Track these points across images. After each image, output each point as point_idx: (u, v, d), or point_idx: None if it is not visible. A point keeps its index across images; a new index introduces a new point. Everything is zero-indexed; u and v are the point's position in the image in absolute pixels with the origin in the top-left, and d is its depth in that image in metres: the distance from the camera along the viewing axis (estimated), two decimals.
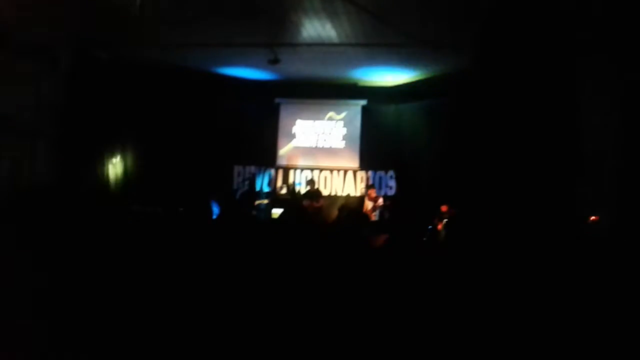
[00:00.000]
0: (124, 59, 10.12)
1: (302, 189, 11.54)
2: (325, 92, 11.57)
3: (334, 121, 12.13)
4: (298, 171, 12.11)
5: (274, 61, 9.18)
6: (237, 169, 12.06)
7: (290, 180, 12.02)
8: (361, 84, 11.45)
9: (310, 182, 11.22)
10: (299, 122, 12.23)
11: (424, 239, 7.45)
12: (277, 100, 12.18)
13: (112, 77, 10.21)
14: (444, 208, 9.40)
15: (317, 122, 12.18)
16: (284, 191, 11.74)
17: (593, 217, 7.44)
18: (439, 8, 7.32)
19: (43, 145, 9.19)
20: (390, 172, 11.62)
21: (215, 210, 9.60)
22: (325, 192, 11.63)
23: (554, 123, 9.17)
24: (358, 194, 11.71)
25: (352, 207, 10.66)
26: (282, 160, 12.22)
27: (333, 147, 12.10)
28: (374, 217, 10.75)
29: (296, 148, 12.22)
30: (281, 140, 12.26)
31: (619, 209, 7.47)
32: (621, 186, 7.65)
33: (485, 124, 10.00)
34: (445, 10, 7.36)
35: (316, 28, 8.26)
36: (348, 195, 11.69)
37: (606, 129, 8.08)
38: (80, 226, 3.27)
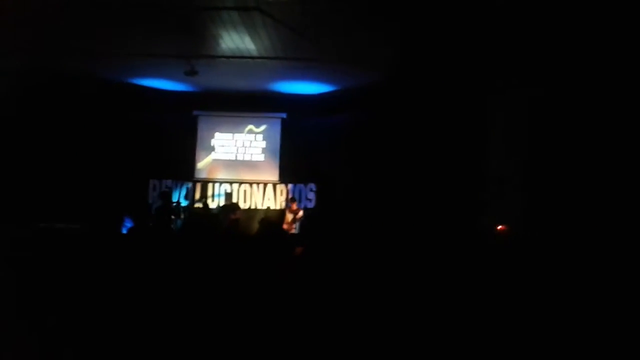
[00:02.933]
0: (41, 67, 9.58)
1: (221, 202, 11.38)
2: (245, 104, 11.52)
3: (254, 134, 12.08)
4: (217, 184, 11.92)
5: (192, 73, 9.00)
6: (152, 182, 11.69)
7: (209, 193, 11.82)
8: (280, 96, 11.49)
9: (228, 195, 11.10)
10: (217, 134, 12.07)
11: None
12: (195, 112, 11.98)
13: (29, 86, 9.66)
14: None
15: (236, 134, 12.07)
16: (200, 205, 11.51)
17: (500, 227, 7.85)
18: (354, 26, 7.52)
19: None
20: (310, 185, 11.71)
21: (128, 224, 9.26)
22: (245, 206, 11.53)
23: (464, 143, 9.70)
24: (278, 206, 11.70)
25: (272, 220, 10.64)
26: (200, 174, 11.99)
27: (253, 160, 12.03)
28: (294, 229, 10.78)
29: (215, 161, 12.04)
30: (199, 153, 12.04)
31: (524, 220, 7.96)
32: (525, 201, 8.20)
33: (399, 138, 10.40)
34: (361, 28, 7.57)
35: (235, 41, 8.22)
36: (268, 209, 11.64)
37: (514, 153, 8.68)
38: None
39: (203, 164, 12.03)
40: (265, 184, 11.90)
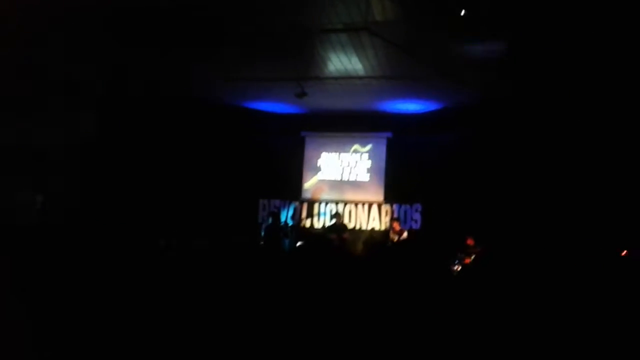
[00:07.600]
0: (154, 93, 10.35)
1: (326, 221, 11.47)
2: (351, 124, 11.59)
3: (359, 154, 12.12)
4: (323, 204, 12.07)
5: (301, 95, 9.26)
6: (262, 202, 12.08)
7: (315, 213, 11.97)
8: (386, 116, 11.46)
9: (336, 215, 11.12)
10: (324, 154, 12.25)
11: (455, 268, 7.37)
12: (302, 133, 12.25)
13: (143, 111, 10.43)
14: (470, 241, 9.23)
15: (342, 154, 12.18)
16: (308, 224, 11.66)
17: (624, 252, 7.25)
18: (465, 43, 7.36)
19: (75, 180, 9.37)
20: (416, 206, 11.49)
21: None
22: (350, 226, 11.54)
23: (586, 156, 9.08)
24: (383, 227, 11.58)
25: (377, 240, 10.53)
26: (307, 194, 12.21)
27: (358, 180, 12.05)
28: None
29: (321, 181, 12.22)
30: (306, 173, 12.27)
31: None
32: None
33: (509, 156, 9.94)
34: (471, 47, 7.40)
35: (343, 62, 8.35)
36: (373, 229, 11.57)
37: None
38: (107, 259, 3.30)
39: (310, 184, 12.25)
40: (370, 204, 11.85)
